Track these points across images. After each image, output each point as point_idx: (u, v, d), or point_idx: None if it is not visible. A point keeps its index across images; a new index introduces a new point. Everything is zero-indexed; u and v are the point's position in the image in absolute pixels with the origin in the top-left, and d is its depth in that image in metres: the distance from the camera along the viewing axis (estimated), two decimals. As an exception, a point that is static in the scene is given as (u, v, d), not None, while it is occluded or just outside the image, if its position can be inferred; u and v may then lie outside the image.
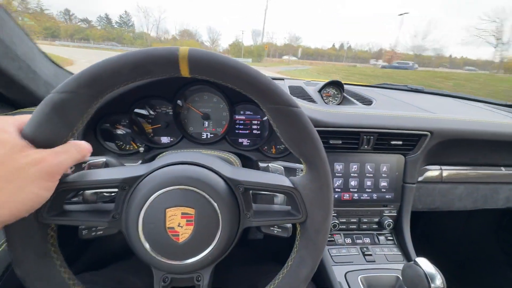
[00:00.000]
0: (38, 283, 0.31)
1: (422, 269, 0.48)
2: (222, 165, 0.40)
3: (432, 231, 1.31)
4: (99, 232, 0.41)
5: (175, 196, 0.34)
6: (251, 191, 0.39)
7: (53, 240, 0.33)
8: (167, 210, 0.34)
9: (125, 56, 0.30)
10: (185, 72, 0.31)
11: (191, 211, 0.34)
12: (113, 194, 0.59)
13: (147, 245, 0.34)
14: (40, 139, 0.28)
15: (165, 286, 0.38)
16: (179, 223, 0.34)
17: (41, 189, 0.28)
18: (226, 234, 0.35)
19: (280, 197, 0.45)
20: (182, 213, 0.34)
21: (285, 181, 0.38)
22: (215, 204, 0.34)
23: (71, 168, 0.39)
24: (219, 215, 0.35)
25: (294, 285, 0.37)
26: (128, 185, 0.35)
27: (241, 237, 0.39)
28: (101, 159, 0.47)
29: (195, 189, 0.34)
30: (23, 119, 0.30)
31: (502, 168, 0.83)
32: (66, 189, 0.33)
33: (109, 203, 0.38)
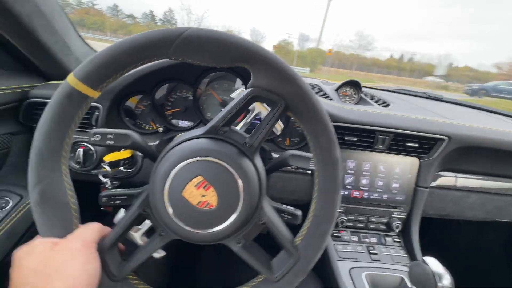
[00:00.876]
0: None
1: (430, 268, 0.48)
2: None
3: (439, 240, 1.28)
4: (117, 201, 0.43)
5: (181, 176, 0.35)
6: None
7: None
8: (182, 194, 0.34)
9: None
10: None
11: (200, 179, 0.35)
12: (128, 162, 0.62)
13: (195, 231, 0.35)
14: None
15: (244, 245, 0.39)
16: (200, 194, 0.34)
17: (85, 264, 0.30)
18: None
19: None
20: (195, 185, 0.34)
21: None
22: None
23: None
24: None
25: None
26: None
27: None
28: (127, 131, 0.49)
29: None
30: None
31: None
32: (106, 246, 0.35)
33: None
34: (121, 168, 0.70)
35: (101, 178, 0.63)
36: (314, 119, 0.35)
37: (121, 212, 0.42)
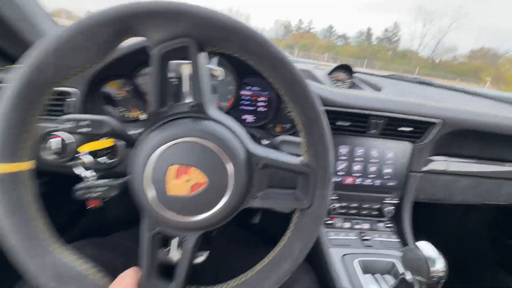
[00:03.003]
0: None
1: (423, 252, 0.47)
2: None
3: (427, 223, 1.31)
4: (96, 194, 0.39)
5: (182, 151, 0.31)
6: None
7: None
8: (166, 188, 0.32)
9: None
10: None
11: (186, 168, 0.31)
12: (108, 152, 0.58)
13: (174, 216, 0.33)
14: None
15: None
16: (187, 179, 0.31)
17: None
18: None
19: None
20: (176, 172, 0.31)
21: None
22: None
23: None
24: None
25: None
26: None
27: (240, 219, 0.38)
28: (104, 117, 0.45)
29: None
30: None
31: (508, 164, 0.82)
32: None
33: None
34: (101, 158, 0.66)
35: (78, 170, 0.59)
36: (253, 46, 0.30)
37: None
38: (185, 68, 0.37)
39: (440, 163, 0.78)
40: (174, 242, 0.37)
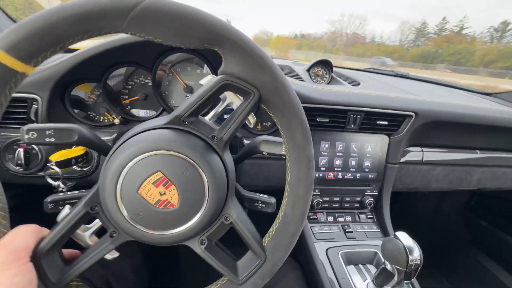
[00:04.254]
0: None
1: (402, 242, 0.49)
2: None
3: (406, 211, 1.38)
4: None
5: (135, 174, 0.31)
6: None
7: None
8: (139, 192, 0.31)
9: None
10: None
11: (158, 175, 0.31)
12: (81, 160, 0.55)
13: (150, 231, 0.32)
14: None
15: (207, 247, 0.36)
16: (160, 192, 0.31)
17: (10, 277, 0.26)
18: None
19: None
20: (152, 183, 0.31)
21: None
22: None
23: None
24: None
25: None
26: (96, 203, 0.33)
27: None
28: (70, 125, 0.42)
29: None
30: None
31: (477, 151, 0.87)
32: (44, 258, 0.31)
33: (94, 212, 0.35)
34: (74, 167, 0.62)
35: (50, 180, 0.55)
36: (289, 113, 0.32)
37: (66, 209, 0.36)
38: (233, 99, 0.37)
39: (416, 153, 0.82)
40: (97, 224, 0.36)
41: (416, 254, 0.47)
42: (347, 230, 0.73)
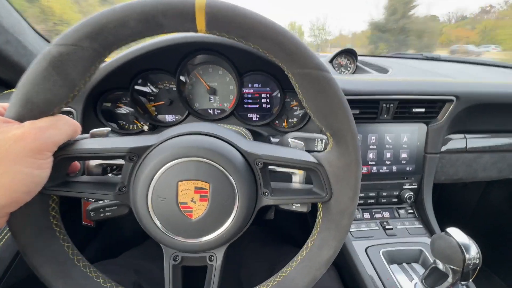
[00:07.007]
0: (39, 257, 0.29)
1: (455, 239, 0.44)
2: (239, 138, 0.36)
3: (446, 204, 1.27)
4: (107, 213, 0.38)
5: (188, 169, 0.30)
6: (270, 167, 0.35)
7: (54, 213, 0.31)
8: (179, 183, 0.30)
9: (132, 4, 0.25)
10: (201, 26, 0.26)
11: (205, 185, 0.30)
12: (117, 168, 0.56)
13: (157, 222, 0.31)
14: (37, 99, 0.25)
15: (176, 265, 0.35)
16: (193, 198, 0.30)
17: (32, 168, 0.24)
18: (243, 212, 0.32)
19: (298, 176, 0.41)
20: (196, 187, 0.30)
21: (308, 157, 0.34)
22: (232, 179, 0.31)
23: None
24: (236, 191, 0.31)
25: (314, 267, 0.34)
26: (137, 155, 0.31)
27: (257, 216, 0.36)
28: (105, 129, 0.43)
29: (210, 161, 0.30)
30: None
31: None
32: (66, 157, 0.29)
33: (117, 176, 0.35)
34: (110, 175, 0.65)
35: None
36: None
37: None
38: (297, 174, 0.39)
39: (458, 141, 0.75)
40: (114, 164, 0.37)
41: (474, 252, 0.43)
42: (386, 227, 0.69)
